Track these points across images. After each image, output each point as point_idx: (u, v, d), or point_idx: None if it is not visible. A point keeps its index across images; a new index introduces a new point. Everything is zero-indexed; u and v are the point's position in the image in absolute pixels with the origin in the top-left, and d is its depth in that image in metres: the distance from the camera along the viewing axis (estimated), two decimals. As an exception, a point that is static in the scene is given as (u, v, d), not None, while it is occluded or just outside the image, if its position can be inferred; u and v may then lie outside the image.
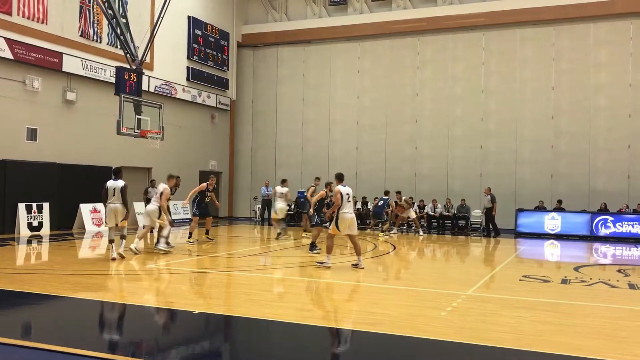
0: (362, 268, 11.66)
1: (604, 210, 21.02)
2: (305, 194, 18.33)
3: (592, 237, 20.22)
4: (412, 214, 20.87)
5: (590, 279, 11.12)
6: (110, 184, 12.22)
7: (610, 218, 20.30)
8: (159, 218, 13.24)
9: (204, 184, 15.95)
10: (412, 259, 15.03)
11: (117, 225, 12.29)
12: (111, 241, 12.39)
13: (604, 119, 22.86)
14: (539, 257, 16.36)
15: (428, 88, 25.41)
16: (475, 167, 24.41)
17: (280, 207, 17.44)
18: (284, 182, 18.21)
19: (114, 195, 12.13)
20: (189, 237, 15.58)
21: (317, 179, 18.72)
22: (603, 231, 20.22)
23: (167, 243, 13.51)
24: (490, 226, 20.68)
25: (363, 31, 26.28)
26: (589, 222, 20.50)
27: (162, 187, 13.46)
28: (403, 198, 21.16)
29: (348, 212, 11.53)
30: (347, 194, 11.58)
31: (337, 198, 11.48)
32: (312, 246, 14.07)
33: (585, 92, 23.11)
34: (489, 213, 20.66)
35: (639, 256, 16.11)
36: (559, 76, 23.50)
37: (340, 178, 11.87)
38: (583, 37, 23.22)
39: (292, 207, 22.18)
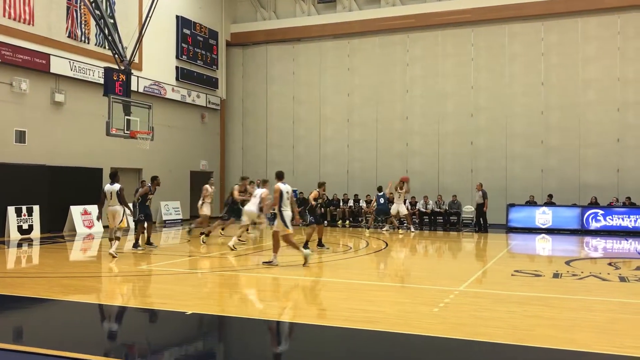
0: (276, 265, 11.60)
1: (594, 204, 21.15)
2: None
3: (583, 231, 20.34)
4: (404, 210, 20.83)
5: (582, 272, 11.18)
6: (107, 187, 12.99)
7: (601, 212, 20.42)
8: (258, 218, 14.69)
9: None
10: (404, 256, 15.05)
11: (117, 226, 12.98)
12: (111, 239, 13.03)
13: (593, 114, 22.99)
14: (530, 251, 16.44)
15: (418, 85, 25.44)
16: (466, 163, 24.49)
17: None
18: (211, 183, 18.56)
19: (111, 198, 12.85)
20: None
21: (244, 178, 18.69)
22: (594, 225, 20.35)
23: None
24: (482, 221, 20.79)
25: (352, 29, 26.27)
26: (580, 216, 20.63)
27: (261, 191, 14.56)
28: (392, 184, 21.06)
29: (289, 210, 11.59)
30: (287, 192, 11.61)
31: (277, 197, 11.45)
32: (306, 245, 14.09)
33: (575, 86, 23.23)
34: (480, 209, 20.76)
35: (629, 249, 16.22)
36: (548, 71, 23.60)
37: (280, 176, 11.86)
38: (571, 32, 23.32)
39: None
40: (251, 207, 14.31)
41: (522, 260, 14.19)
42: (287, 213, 11.53)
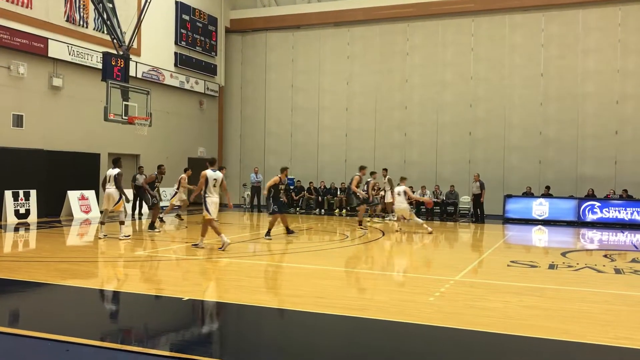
0: (202, 248, 12.12)
1: (591, 196, 21.20)
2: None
3: (580, 223, 20.40)
4: (388, 198, 20.22)
5: (577, 264, 11.23)
6: (109, 172, 13.61)
7: (597, 204, 20.47)
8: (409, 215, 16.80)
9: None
10: (401, 245, 15.08)
11: (111, 210, 13.56)
12: (102, 223, 13.85)
13: (592, 106, 22.98)
14: (526, 242, 16.49)
15: (417, 74, 25.37)
16: (464, 153, 24.49)
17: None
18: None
19: (109, 181, 13.42)
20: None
21: (362, 168, 18.17)
22: (590, 217, 20.41)
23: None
24: (479, 212, 20.81)
25: (352, 17, 26.14)
26: (577, 207, 20.68)
27: (402, 188, 16.38)
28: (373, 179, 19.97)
29: (215, 197, 11.92)
30: (215, 179, 11.90)
31: (202, 182, 11.88)
32: (268, 233, 14.22)
33: (574, 78, 23.20)
34: (477, 199, 20.78)
35: (625, 241, 16.28)
36: (548, 62, 23.55)
37: (211, 163, 12.21)
38: (572, 23, 23.26)
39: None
40: (401, 204, 16.29)
41: (518, 251, 14.24)
42: (211, 199, 11.77)
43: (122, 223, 13.61)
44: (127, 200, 14.11)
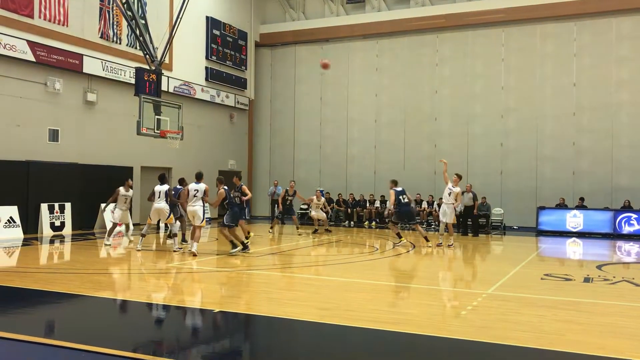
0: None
1: (627, 208, 20.70)
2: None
3: (616, 235, 19.92)
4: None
5: (614, 277, 10.96)
6: (157, 188, 14.14)
7: (634, 215, 19.98)
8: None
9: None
10: (431, 258, 14.93)
11: (159, 222, 14.62)
12: (143, 235, 14.04)
13: (626, 115, 22.51)
14: (560, 255, 16.17)
15: (447, 85, 25.23)
16: (495, 165, 24.19)
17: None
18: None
19: (159, 197, 13.97)
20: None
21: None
22: (627, 229, 19.92)
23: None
24: (469, 225, 20.01)
25: (381, 29, 26.19)
26: (612, 219, 20.20)
27: (456, 189, 16.40)
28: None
29: (190, 206, 13.28)
30: (196, 189, 13.27)
31: (184, 194, 13.71)
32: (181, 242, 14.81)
33: (607, 88, 22.78)
34: (469, 211, 19.89)
35: (663, 254, 15.83)
36: (581, 72, 23.18)
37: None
38: (605, 32, 22.88)
39: None
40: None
41: (552, 264, 13.96)
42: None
43: (174, 235, 13.94)
44: (181, 216, 14.56)
